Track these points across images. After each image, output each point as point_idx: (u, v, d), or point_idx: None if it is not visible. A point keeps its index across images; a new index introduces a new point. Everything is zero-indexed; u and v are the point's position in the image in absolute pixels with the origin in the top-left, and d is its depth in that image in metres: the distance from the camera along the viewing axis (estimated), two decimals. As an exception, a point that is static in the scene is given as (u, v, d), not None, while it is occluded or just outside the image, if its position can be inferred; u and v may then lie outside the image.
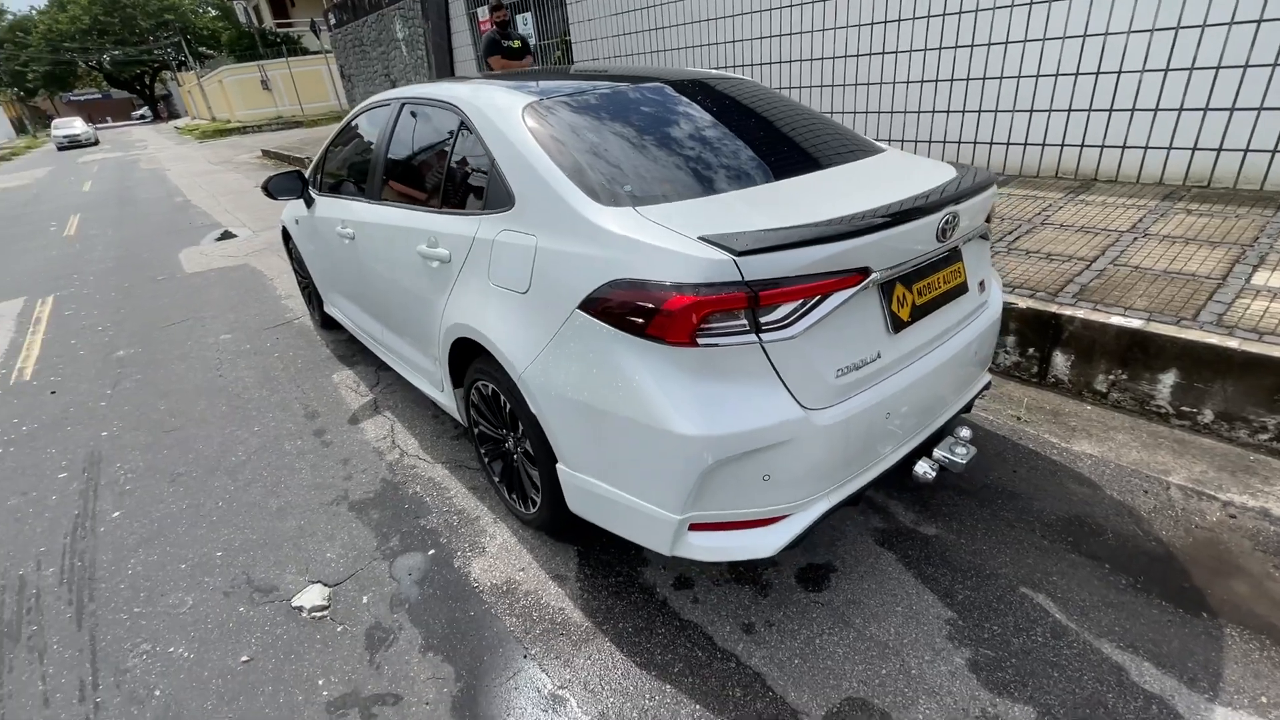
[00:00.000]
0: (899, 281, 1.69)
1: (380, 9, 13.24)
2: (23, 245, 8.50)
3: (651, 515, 1.64)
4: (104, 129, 49.99)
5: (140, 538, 2.47)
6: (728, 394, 1.50)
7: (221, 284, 5.74)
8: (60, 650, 1.99)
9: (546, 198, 1.78)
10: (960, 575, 1.98)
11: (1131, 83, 4.06)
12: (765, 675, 1.71)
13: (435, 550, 2.26)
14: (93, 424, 3.40)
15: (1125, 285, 2.97)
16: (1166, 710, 1.54)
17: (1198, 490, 2.25)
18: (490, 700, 1.71)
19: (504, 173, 1.94)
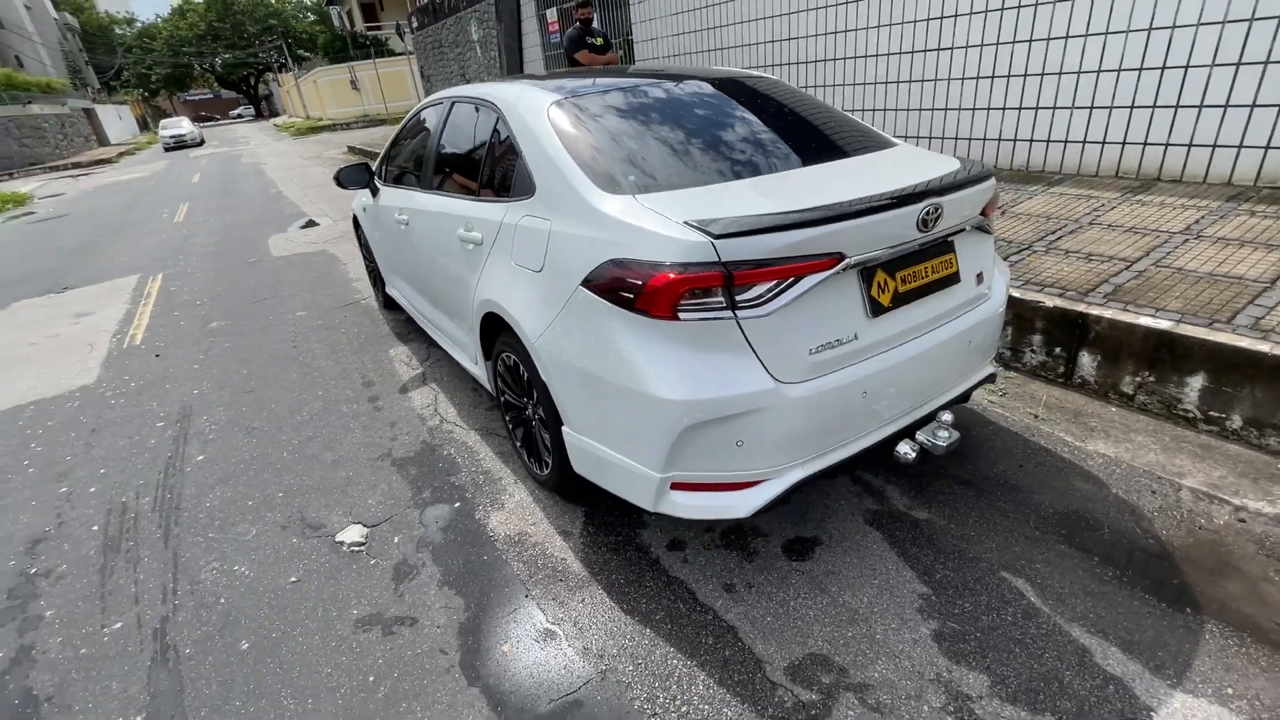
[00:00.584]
0: (880, 268, 1.79)
1: (458, 12, 13.91)
2: (140, 229, 9.54)
3: (638, 473, 1.81)
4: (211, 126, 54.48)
5: (218, 478, 2.86)
6: (705, 364, 1.65)
7: (302, 267, 6.31)
8: (149, 562, 2.37)
9: (561, 186, 1.98)
10: (942, 556, 2.05)
11: (1199, 78, 3.86)
12: (738, 629, 1.85)
13: (460, 503, 2.52)
14: (187, 383, 3.89)
15: (1163, 287, 2.89)
16: (1123, 691, 1.59)
17: (1211, 494, 2.21)
18: (491, 629, 1.93)
19: (529, 164, 2.16)
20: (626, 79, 2.51)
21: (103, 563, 2.40)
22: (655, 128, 2.14)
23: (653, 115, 2.21)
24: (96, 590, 2.26)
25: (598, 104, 2.25)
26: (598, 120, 2.15)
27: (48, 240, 9.54)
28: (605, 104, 2.25)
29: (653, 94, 2.34)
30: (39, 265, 7.81)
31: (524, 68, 12.09)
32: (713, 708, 1.63)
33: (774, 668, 1.73)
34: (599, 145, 2.04)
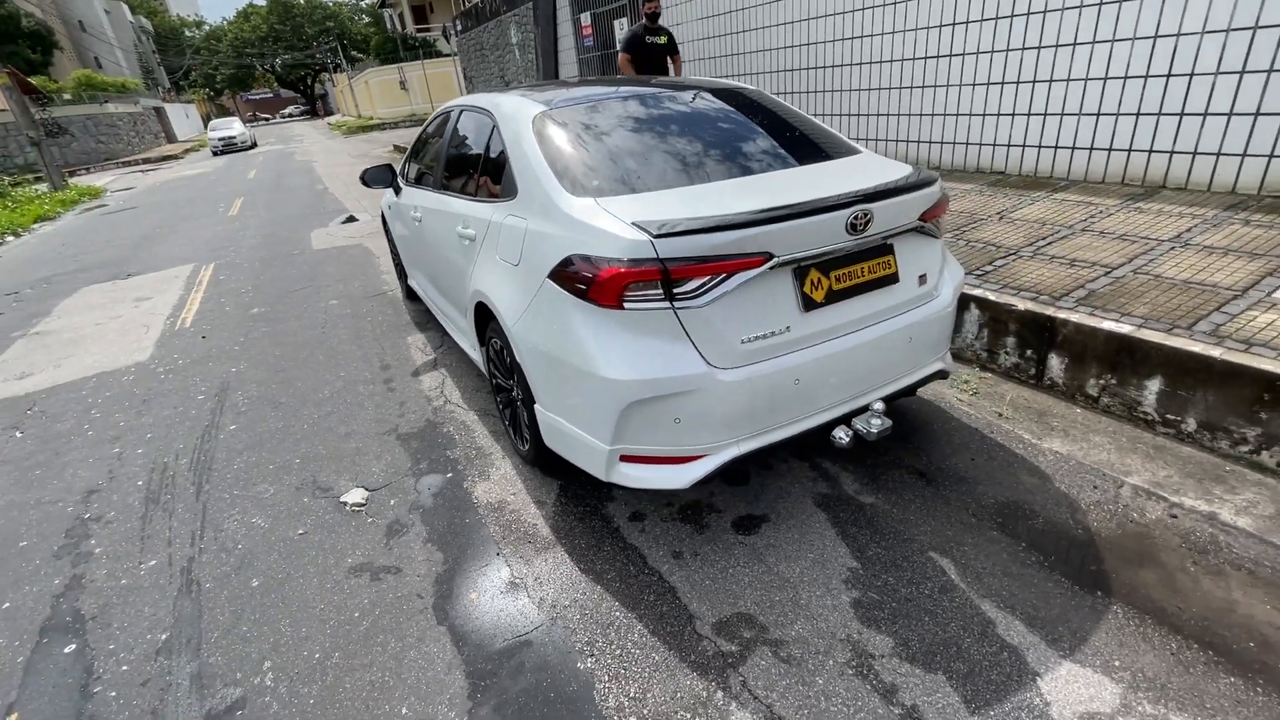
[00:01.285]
0: (814, 267, 1.97)
1: (499, 16, 14.36)
2: (197, 222, 10.24)
3: (592, 445, 2.04)
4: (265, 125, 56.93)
5: (246, 444, 3.21)
6: (646, 348, 1.87)
7: (339, 260, 6.74)
8: (182, 512, 2.72)
9: (536, 189, 2.22)
10: (879, 537, 2.21)
11: (1204, 86, 3.86)
12: (678, 589, 2.06)
13: (452, 474, 2.80)
14: (227, 362, 4.30)
15: (1135, 293, 2.95)
16: (1015, 658, 1.73)
17: (1151, 491, 2.30)
18: (464, 579, 2.19)
19: (513, 168, 2.41)
20: (609, 90, 2.73)
21: (144, 512, 2.76)
22: (623, 137, 2.36)
23: (623, 125, 2.43)
24: (137, 533, 2.61)
25: (577, 115, 2.48)
26: (574, 130, 2.39)
27: (116, 230, 10.33)
28: (584, 115, 2.48)
29: (628, 105, 2.56)
30: (108, 253, 8.50)
31: (559, 71, 12.43)
32: (643, 652, 1.85)
33: (703, 623, 1.93)
34: (572, 152, 2.27)
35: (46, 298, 6.55)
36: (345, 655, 1.93)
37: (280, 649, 1.98)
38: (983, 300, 3.18)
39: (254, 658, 1.96)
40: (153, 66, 53.68)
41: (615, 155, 2.28)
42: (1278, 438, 2.30)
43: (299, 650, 1.97)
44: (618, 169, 2.21)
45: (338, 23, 52.82)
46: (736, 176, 2.21)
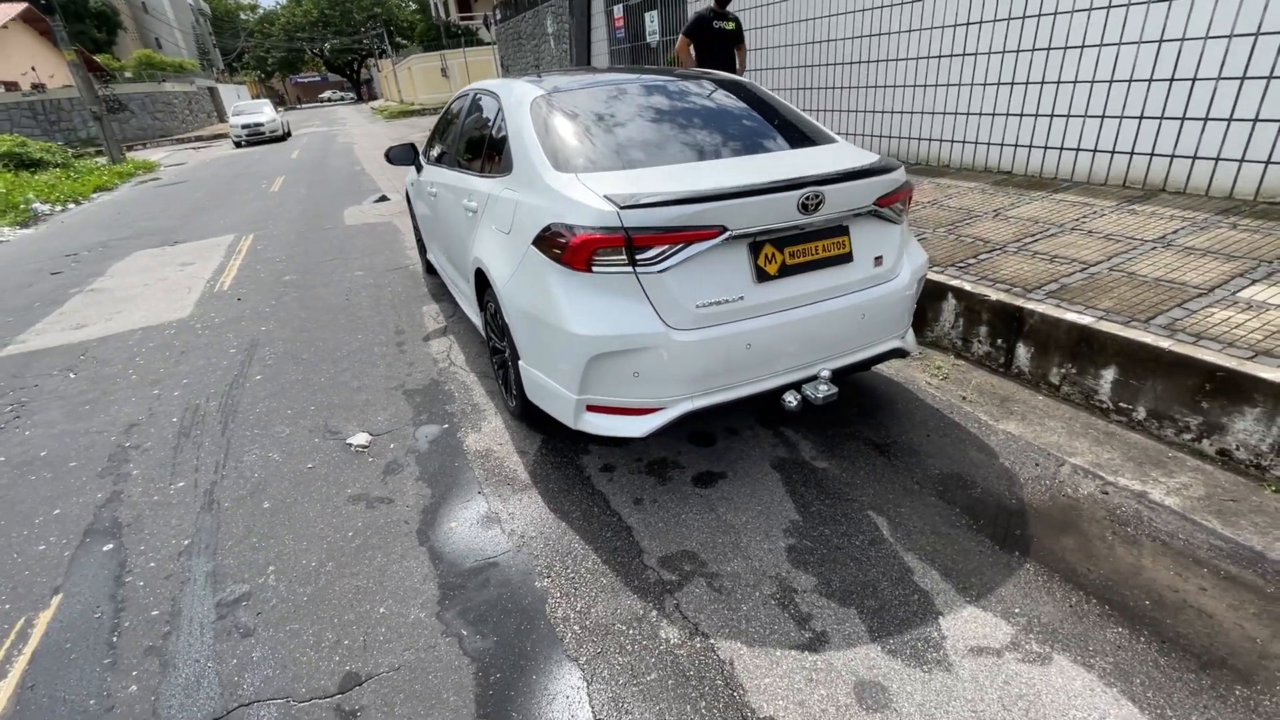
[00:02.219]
0: (769, 243, 2.16)
1: (536, 6, 14.64)
2: (242, 197, 10.78)
3: (562, 395, 2.27)
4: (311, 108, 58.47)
5: (269, 392, 3.54)
6: (610, 308, 2.09)
7: (368, 235, 7.11)
8: (209, 446, 3.05)
9: (527, 165, 2.46)
10: (824, 496, 2.40)
11: (1205, 91, 3.89)
12: (633, 528, 2.29)
13: (448, 425, 3.07)
14: (258, 322, 4.66)
15: (1105, 288, 3.06)
16: (924, 601, 1.92)
17: (1090, 470, 2.44)
18: (446, 511, 2.45)
19: (511, 146, 2.65)
20: (610, 78, 2.95)
21: (176, 444, 3.09)
22: (611, 120, 2.58)
23: (613, 110, 2.64)
24: (169, 461, 2.95)
25: (571, 99, 2.71)
26: (566, 113, 2.61)
27: (168, 202, 10.95)
28: (577, 99, 2.71)
29: (621, 92, 2.78)
30: (159, 223, 9.06)
31: (591, 61, 12.66)
32: (593, 577, 2.08)
33: (650, 556, 2.15)
34: (561, 133, 2.50)
35: (102, 259, 7.06)
36: (338, 565, 2.22)
37: (283, 557, 2.27)
38: (959, 290, 3.32)
39: (260, 563, 2.25)
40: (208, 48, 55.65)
41: (600, 136, 2.50)
42: (1217, 426, 2.41)
43: (299, 559, 2.26)
44: (600, 149, 2.43)
45: (385, 9, 53.93)
46: (708, 159, 2.41)
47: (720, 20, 5.56)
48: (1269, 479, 2.29)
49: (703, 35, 5.55)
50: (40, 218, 10.50)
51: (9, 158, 14.72)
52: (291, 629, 1.96)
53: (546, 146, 2.45)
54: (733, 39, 5.64)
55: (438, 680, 1.76)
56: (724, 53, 5.66)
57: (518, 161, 2.56)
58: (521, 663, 1.80)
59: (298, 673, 1.82)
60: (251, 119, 21.93)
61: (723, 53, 5.65)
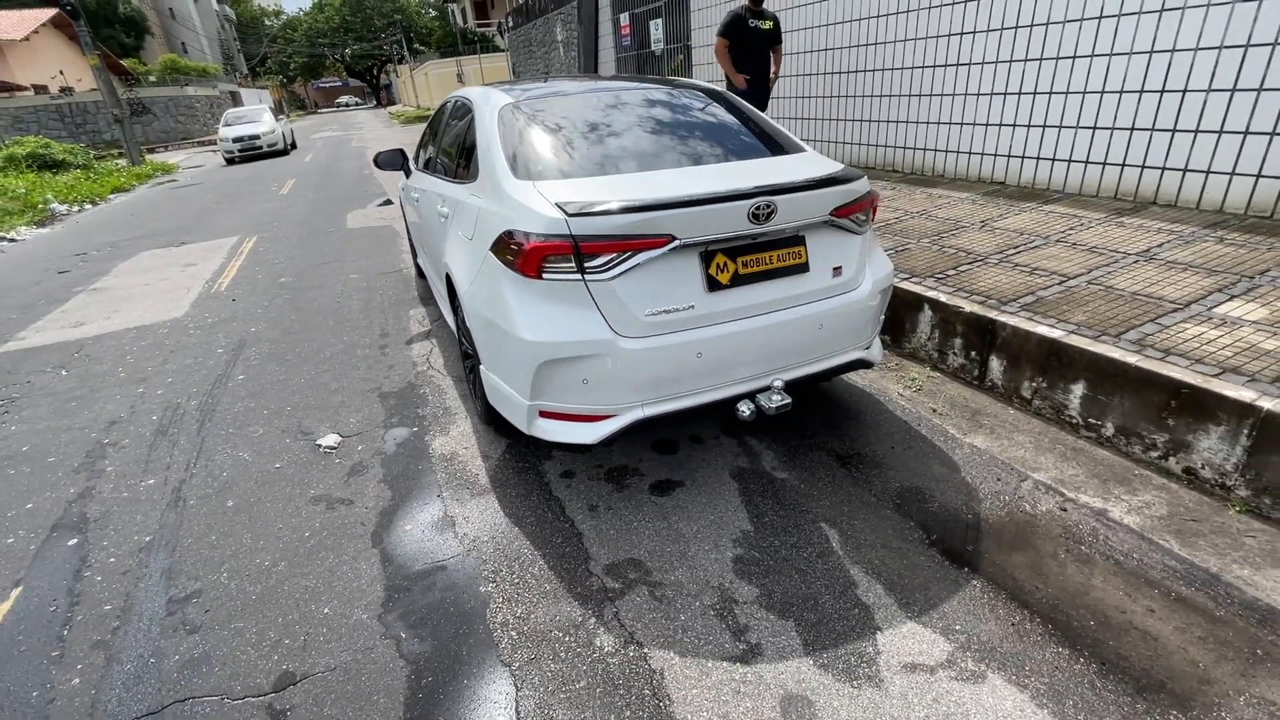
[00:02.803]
0: (721, 252, 2.16)
1: (546, 14, 14.79)
2: (251, 199, 10.97)
3: (516, 400, 2.29)
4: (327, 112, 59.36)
5: (248, 392, 3.59)
6: (559, 314, 2.10)
7: (368, 239, 7.20)
8: (184, 444, 3.10)
9: (491, 172, 2.49)
10: (779, 506, 2.39)
11: (1196, 103, 3.84)
12: (584, 534, 2.29)
13: (418, 428, 3.09)
14: (248, 322, 4.74)
15: (1080, 302, 3.02)
16: (864, 615, 1.90)
17: (1052, 487, 2.41)
18: (403, 513, 2.47)
19: (479, 153, 2.68)
20: (582, 86, 2.98)
21: (153, 441, 3.15)
22: (575, 128, 2.60)
23: (578, 118, 2.66)
24: (144, 458, 3.00)
25: (539, 107, 2.73)
26: (531, 121, 2.64)
27: (181, 203, 11.17)
28: (545, 107, 2.73)
29: (590, 100, 2.80)
30: (169, 223, 9.24)
31: (598, 68, 12.75)
32: (538, 582, 2.09)
33: (597, 564, 2.15)
34: (524, 140, 2.52)
35: (109, 259, 7.22)
36: (290, 564, 2.24)
37: (239, 555, 2.30)
38: (935, 301, 3.29)
39: (215, 560, 2.29)
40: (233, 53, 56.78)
41: (561, 144, 2.52)
42: (1183, 444, 2.37)
43: (253, 558, 2.29)
44: (561, 156, 2.45)
45: (405, 16, 54.73)
46: (667, 167, 2.41)
47: (757, 19, 5.28)
48: (1233, 499, 2.24)
49: (739, 35, 5.29)
50: (57, 217, 10.76)
51: (33, 159, 15.12)
52: (236, 627, 1.99)
53: (509, 154, 2.47)
54: (770, 39, 5.39)
55: (370, 682, 1.77)
56: (761, 53, 5.41)
57: (483, 168, 2.59)
58: (455, 667, 1.81)
59: (235, 670, 1.84)
60: (245, 129, 18.06)
61: (760, 53, 5.41)
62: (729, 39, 5.33)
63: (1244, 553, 2.02)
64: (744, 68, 5.42)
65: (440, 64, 35.39)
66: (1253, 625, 1.77)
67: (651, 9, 10.23)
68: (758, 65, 5.45)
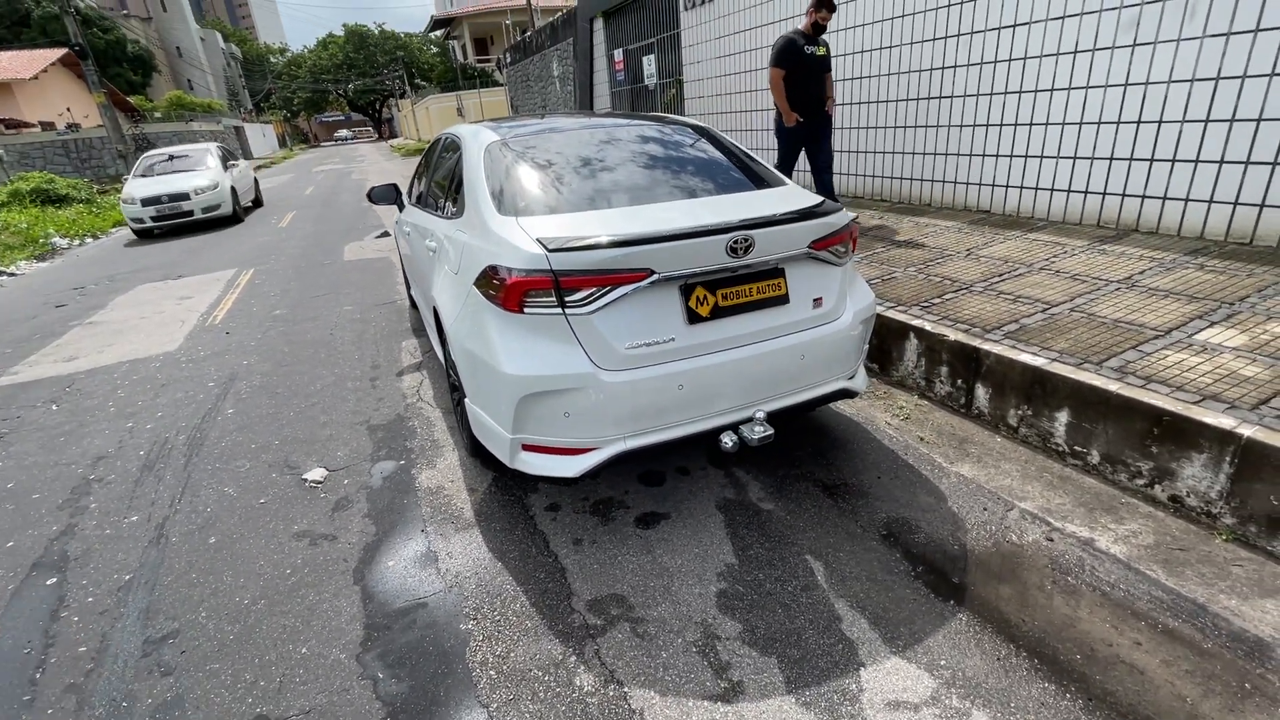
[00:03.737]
0: (701, 285, 2.19)
1: (543, 50, 15.17)
2: (251, 231, 11.09)
3: (499, 434, 2.29)
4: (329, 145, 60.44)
5: (237, 426, 3.59)
6: (540, 348, 2.12)
7: (364, 271, 7.27)
8: (170, 479, 3.09)
9: (476, 208, 2.53)
10: (764, 539, 2.37)
11: (1172, 133, 3.92)
12: (568, 569, 2.27)
13: (405, 461, 3.08)
14: (241, 355, 4.75)
15: (1063, 329, 3.04)
16: (849, 651, 1.87)
17: (1038, 516, 2.39)
18: (386, 549, 2.45)
19: (465, 189, 2.73)
20: (569, 123, 3.05)
21: (139, 476, 3.14)
22: (559, 165, 2.65)
23: (563, 155, 2.72)
24: (129, 494, 2.98)
25: (525, 145, 2.79)
26: (517, 158, 2.69)
27: (180, 236, 11.28)
28: (529, 145, 2.79)
29: (575, 138, 2.86)
30: (168, 256, 9.33)
31: (593, 103, 13.02)
32: (519, 620, 2.06)
33: (579, 600, 2.13)
34: (509, 177, 2.58)
35: (106, 292, 7.28)
36: (269, 603, 2.21)
37: (218, 594, 2.28)
38: (920, 330, 3.31)
39: (194, 599, 2.26)
40: (238, 89, 58.02)
41: (545, 181, 2.57)
42: (1168, 471, 2.36)
43: (233, 596, 2.26)
44: (543, 193, 2.50)
45: (407, 52, 56.10)
46: (649, 202, 2.46)
47: (812, 45, 4.92)
48: (1220, 527, 2.23)
49: (796, 64, 4.89)
50: (58, 251, 10.87)
51: (37, 194, 15.32)
52: (211, 669, 1.96)
53: (494, 190, 2.52)
54: (824, 66, 5.03)
55: (344, 725, 1.74)
56: (816, 83, 5.00)
57: (468, 204, 2.63)
58: (432, 708, 1.78)
59: (209, 714, 1.80)
60: (165, 185, 11.15)
61: (815, 83, 5.00)
62: (785, 68, 4.89)
63: (1231, 582, 2.01)
64: (800, 99, 4.97)
65: (441, 98, 36.14)
66: (1240, 658, 1.75)
67: (645, 45, 10.50)
68: (813, 95, 5.01)
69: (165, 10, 50.97)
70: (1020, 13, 4.62)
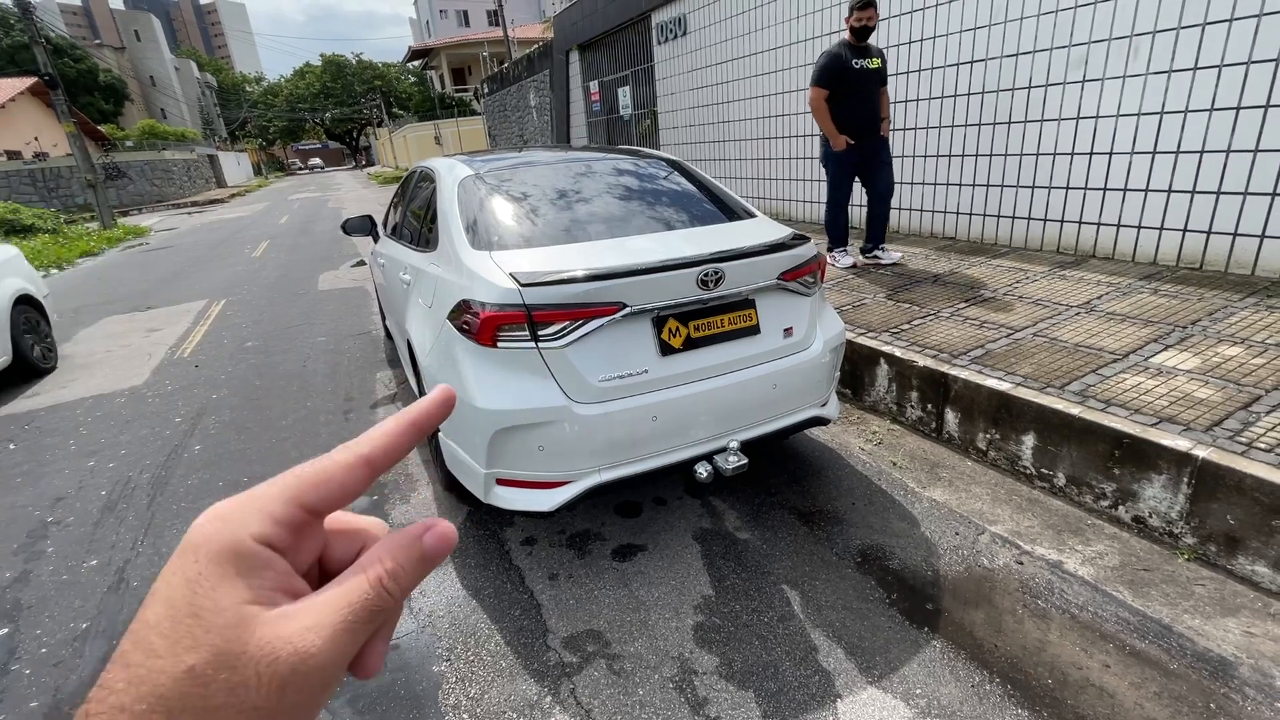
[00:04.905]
0: (673, 317, 2.22)
1: (520, 81, 15.40)
2: (224, 261, 10.95)
3: (473, 468, 2.27)
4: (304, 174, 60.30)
5: (204, 463, 3.50)
6: (514, 382, 2.12)
7: (339, 301, 7.20)
8: (132, 520, 2.99)
9: (449, 242, 2.54)
10: (741, 569, 2.37)
11: (1123, 163, 4.11)
12: (544, 606, 2.24)
13: (377, 497, 3.03)
14: (210, 389, 4.66)
15: (1026, 354, 3.13)
16: (825, 682, 1.87)
17: (1008, 539, 2.43)
18: (357, 589, 2.40)
19: (439, 224, 2.75)
20: (542, 157, 3.09)
21: (99, 519, 3.04)
22: (532, 199, 2.69)
23: (536, 189, 2.76)
24: (88, 537, 2.88)
25: (498, 179, 2.83)
26: (490, 192, 2.72)
27: (151, 267, 11.10)
28: (503, 179, 2.83)
29: (547, 172, 2.91)
30: (136, 287, 9.16)
31: (569, 133, 13.21)
32: (493, 659, 2.03)
33: (555, 637, 2.10)
34: (483, 211, 2.60)
35: (71, 325, 7.09)
36: (234, 649, 2.14)
37: (180, 641, 2.20)
38: (890, 356, 3.38)
39: (155, 647, 2.18)
40: (213, 118, 57.78)
41: (518, 215, 2.60)
42: (1131, 493, 2.42)
43: (195, 643, 2.18)
44: (516, 227, 2.53)
45: (385, 81, 56.50)
46: (620, 235, 2.50)
47: (861, 58, 4.25)
48: (1181, 547, 2.29)
49: (842, 80, 4.26)
50: (21, 283, 10.58)
51: (1, 224, 14.97)
52: (171, 721, 1.88)
53: (467, 224, 2.54)
54: (878, 79, 4.35)
55: (310, 777, 1.68)
56: (869, 100, 4.33)
57: (442, 238, 2.65)
58: (402, 756, 1.73)
59: (167, 771, 1.73)
60: None
61: (868, 100, 4.33)
62: (828, 87, 4.27)
63: (1194, 602, 2.05)
64: (850, 120, 4.34)
65: (418, 127, 36.35)
66: (1205, 678, 1.79)
67: (620, 77, 10.73)
68: (866, 115, 4.36)
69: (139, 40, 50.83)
70: (976, 52, 4.83)
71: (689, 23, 8.32)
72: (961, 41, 4.97)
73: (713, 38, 7.91)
